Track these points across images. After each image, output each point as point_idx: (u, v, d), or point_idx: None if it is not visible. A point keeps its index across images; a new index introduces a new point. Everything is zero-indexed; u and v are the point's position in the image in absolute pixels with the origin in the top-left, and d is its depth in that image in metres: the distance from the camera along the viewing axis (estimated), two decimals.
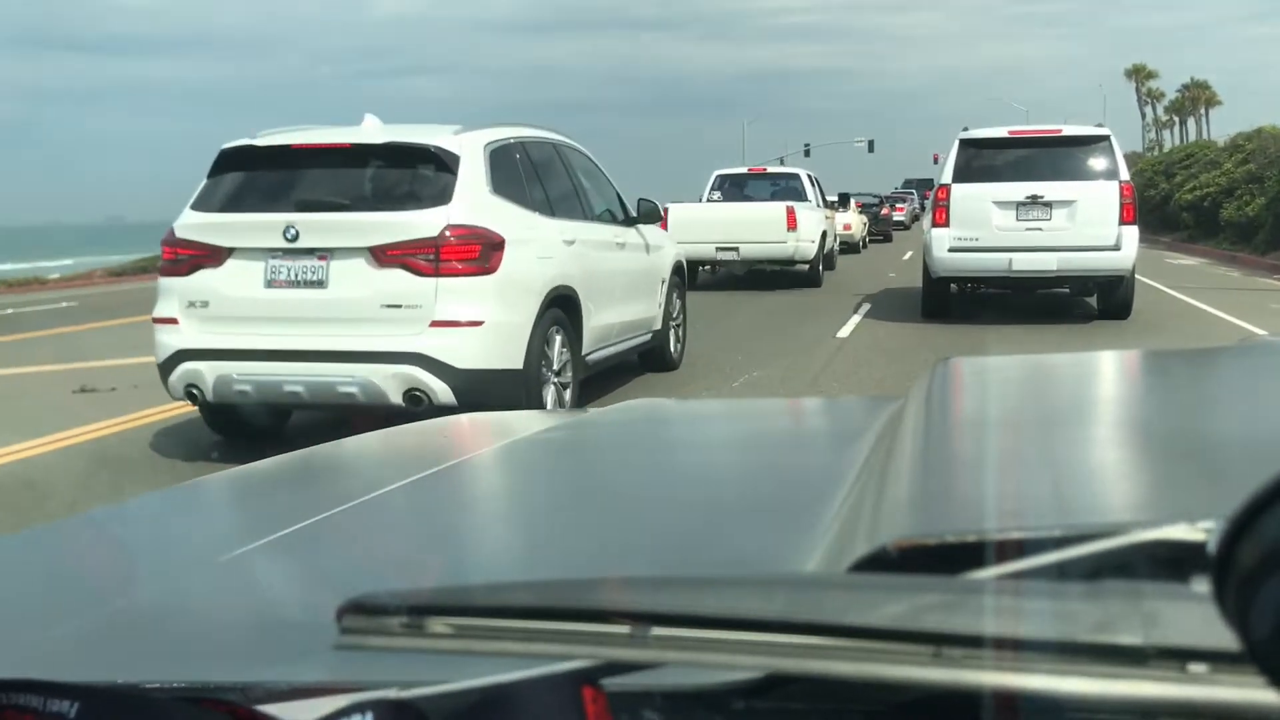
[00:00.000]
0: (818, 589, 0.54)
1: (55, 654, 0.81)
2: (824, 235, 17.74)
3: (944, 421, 1.23)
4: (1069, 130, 12.32)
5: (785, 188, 19.43)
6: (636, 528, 1.13)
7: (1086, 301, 12.76)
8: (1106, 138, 12.07)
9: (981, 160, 12.00)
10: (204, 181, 6.27)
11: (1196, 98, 68.46)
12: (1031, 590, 0.52)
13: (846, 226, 25.54)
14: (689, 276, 16.07)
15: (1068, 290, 12.69)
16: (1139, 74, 72.13)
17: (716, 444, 1.66)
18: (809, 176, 20.07)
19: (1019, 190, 11.57)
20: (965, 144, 12.11)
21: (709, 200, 19.26)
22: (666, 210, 15.54)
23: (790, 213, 16.35)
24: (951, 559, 0.60)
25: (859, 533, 0.77)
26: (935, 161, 17.40)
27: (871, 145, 62.09)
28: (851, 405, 2.21)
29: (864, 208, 31.52)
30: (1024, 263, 11.37)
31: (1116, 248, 11.28)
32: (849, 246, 25.79)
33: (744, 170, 20.95)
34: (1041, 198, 11.52)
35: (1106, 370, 1.65)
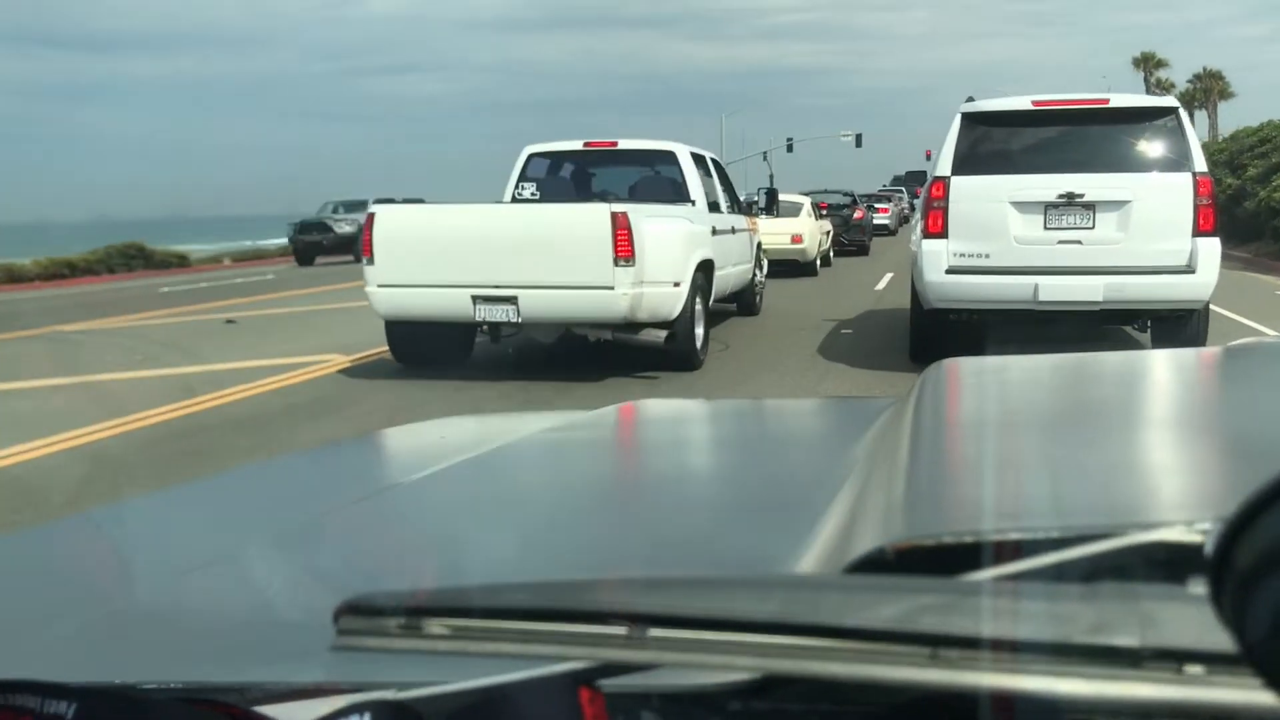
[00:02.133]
0: (815, 590, 0.54)
1: (53, 654, 0.81)
2: (704, 269, 9.31)
3: (941, 422, 1.23)
4: (1120, 100, 8.46)
5: (651, 180, 10.72)
6: (633, 528, 1.13)
7: (1134, 336, 9.64)
8: (1174, 111, 8.34)
9: (993, 143, 8.47)
10: None
11: (1209, 88, 66.79)
12: (1028, 592, 0.52)
13: (795, 239, 18.47)
14: (426, 348, 8.89)
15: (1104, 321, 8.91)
16: (1148, 63, 70.17)
17: (714, 444, 1.66)
18: (698, 158, 11.09)
19: (1048, 186, 8.06)
20: (970, 120, 8.44)
21: (516, 198, 10.48)
22: (371, 218, 8.55)
23: (620, 227, 8.01)
24: (948, 560, 0.60)
25: (856, 534, 0.77)
26: (928, 159, 11.88)
27: (859, 139, 58.37)
28: (849, 406, 2.21)
29: (831, 210, 23.94)
30: (1056, 291, 7.99)
31: (1189, 268, 7.87)
32: (798, 267, 18.65)
33: (576, 146, 11.06)
34: (1080, 197, 8.00)
35: (1104, 371, 1.65)
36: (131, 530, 1.23)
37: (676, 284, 8.60)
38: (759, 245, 13.18)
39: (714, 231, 10.00)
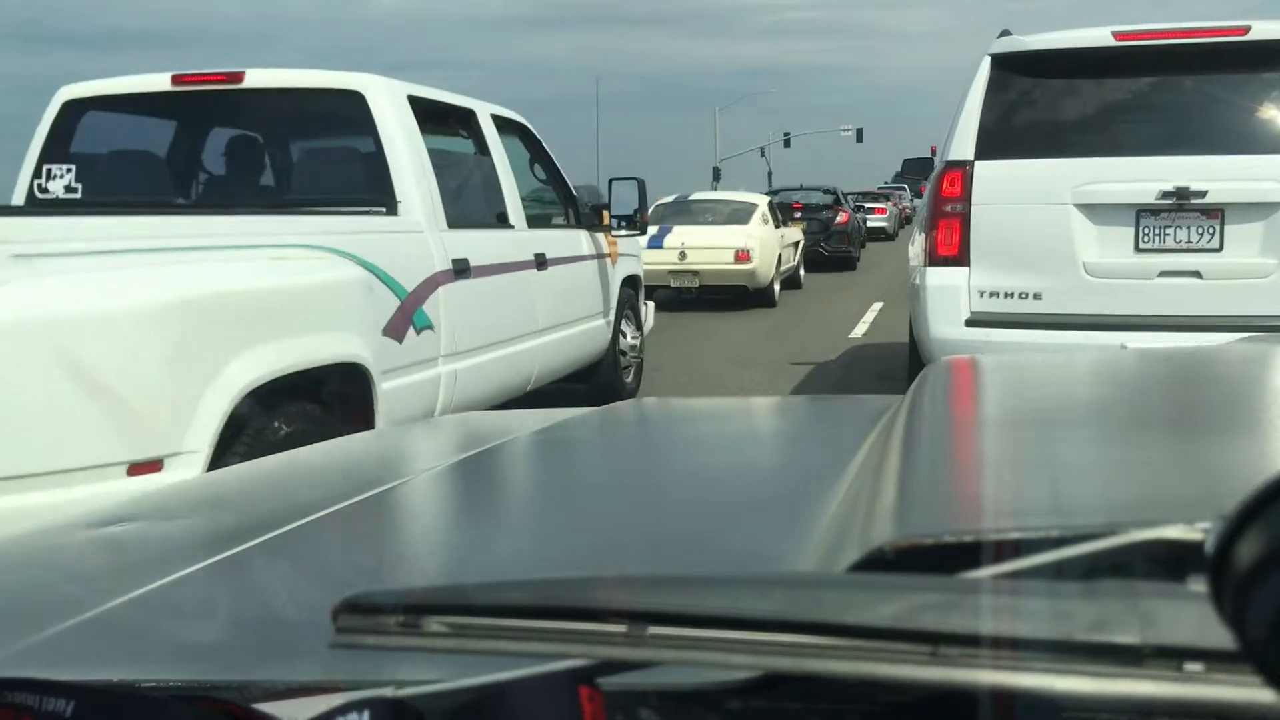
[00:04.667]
0: (815, 588, 0.54)
1: (52, 652, 0.80)
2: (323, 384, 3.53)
3: (941, 421, 1.23)
4: (1266, 30, 4.77)
5: (321, 157, 5.19)
6: (633, 527, 1.13)
7: None
8: None
9: (1045, 106, 5.04)
10: None
11: None
12: (1028, 589, 0.52)
13: (741, 256, 13.01)
14: None
15: None
16: None
17: (714, 443, 1.66)
18: (430, 112, 4.97)
19: (1142, 177, 4.75)
20: (1007, 68, 4.99)
21: (37, 197, 4.82)
22: None
23: None
24: (948, 559, 0.60)
25: (856, 532, 0.77)
26: (933, 155, 7.29)
27: (860, 134, 55.45)
28: (849, 404, 2.21)
29: (806, 211, 18.62)
30: None
31: None
32: (747, 296, 13.45)
33: (159, 85, 4.94)
34: (1200, 196, 4.68)
35: (1104, 369, 1.65)
36: (129, 528, 1.23)
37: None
38: (634, 281, 7.50)
39: (456, 273, 4.62)
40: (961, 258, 4.90)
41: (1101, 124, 5.03)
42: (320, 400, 3.57)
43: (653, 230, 12.79)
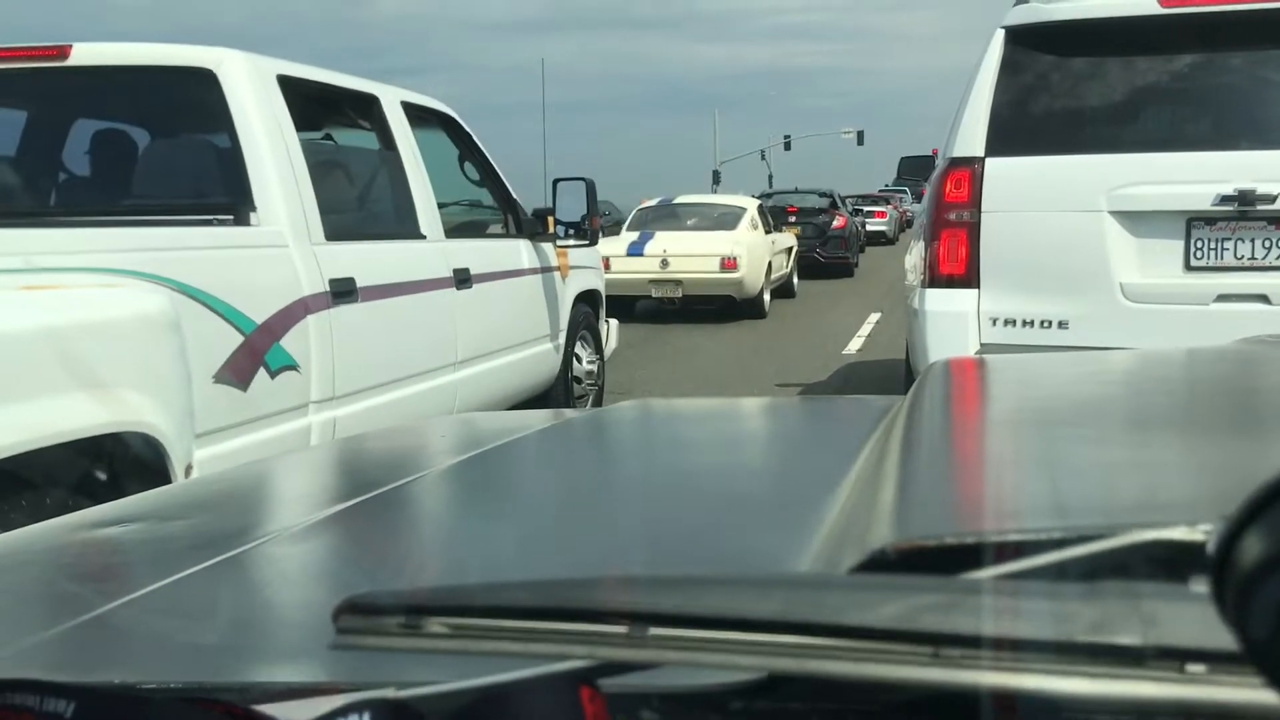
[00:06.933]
0: (816, 589, 0.54)
1: (52, 653, 0.80)
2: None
3: (942, 421, 1.23)
4: None
5: (158, 157, 4.20)
6: (634, 527, 1.13)
7: None
8: None
9: (1068, 90, 4.07)
10: None
11: None
12: (1030, 590, 0.52)
13: (728, 263, 12.13)
14: None
15: None
16: None
17: (715, 443, 1.66)
18: (299, 94, 3.95)
19: (1194, 176, 3.82)
20: (1024, 43, 4.04)
21: None
22: None
23: None
24: (950, 560, 0.60)
25: (857, 533, 0.77)
26: (934, 157, 5.90)
27: (860, 137, 54.36)
28: (850, 405, 2.21)
29: (801, 216, 18.08)
30: None
31: None
32: (734, 307, 12.39)
33: None
34: (1267, 200, 3.74)
35: (1105, 369, 1.65)
36: (129, 529, 1.23)
37: None
38: (591, 297, 6.58)
39: (335, 296, 3.76)
40: (969, 277, 4.04)
41: (1144, 112, 4.10)
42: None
43: (633, 237, 12.67)
